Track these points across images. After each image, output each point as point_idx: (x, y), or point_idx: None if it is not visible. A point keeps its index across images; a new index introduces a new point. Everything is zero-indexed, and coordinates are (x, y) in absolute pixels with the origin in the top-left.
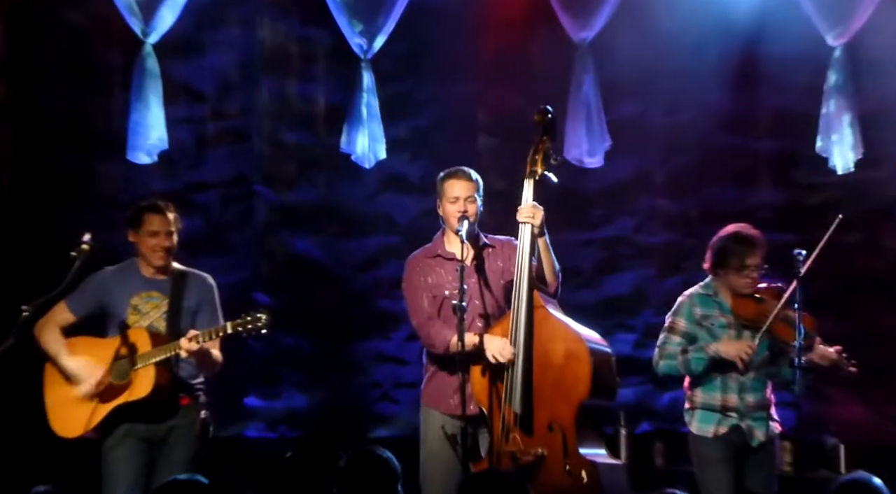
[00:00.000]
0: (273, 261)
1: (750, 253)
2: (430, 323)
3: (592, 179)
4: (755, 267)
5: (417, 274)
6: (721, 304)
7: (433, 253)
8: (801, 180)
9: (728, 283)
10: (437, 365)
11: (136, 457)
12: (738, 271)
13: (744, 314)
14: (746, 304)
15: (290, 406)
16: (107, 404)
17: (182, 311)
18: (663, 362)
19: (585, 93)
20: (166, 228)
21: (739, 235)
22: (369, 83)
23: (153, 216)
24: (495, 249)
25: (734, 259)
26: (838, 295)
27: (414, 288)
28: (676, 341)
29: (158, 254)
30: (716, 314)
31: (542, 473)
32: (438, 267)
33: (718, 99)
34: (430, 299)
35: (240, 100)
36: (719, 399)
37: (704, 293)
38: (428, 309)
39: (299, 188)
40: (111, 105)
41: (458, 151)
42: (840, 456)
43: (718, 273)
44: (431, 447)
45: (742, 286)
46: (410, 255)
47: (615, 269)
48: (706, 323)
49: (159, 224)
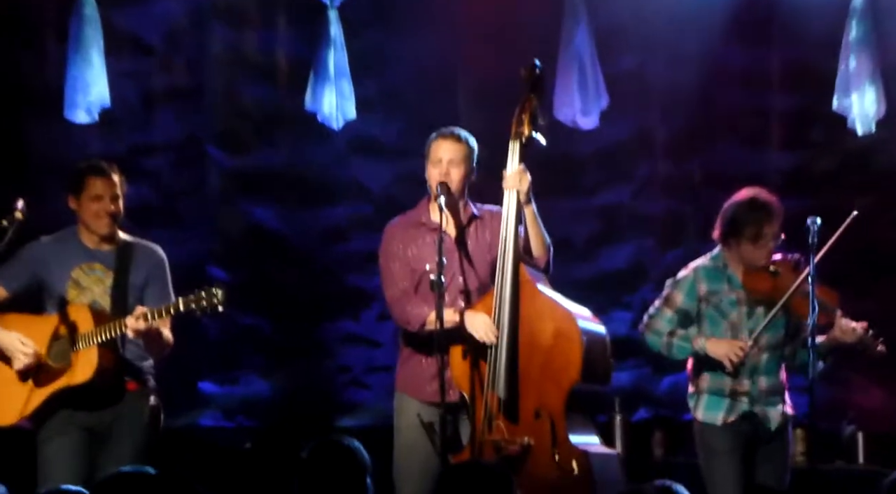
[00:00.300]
0: (229, 233)
1: (766, 221)
2: (406, 298)
3: (586, 141)
4: (771, 237)
5: (396, 243)
6: (731, 278)
7: (416, 220)
8: (816, 141)
9: (740, 255)
10: (413, 347)
11: (74, 450)
12: (753, 241)
13: (757, 288)
14: (760, 278)
15: (249, 392)
16: (43, 389)
17: (128, 286)
18: (648, 335)
19: (577, 46)
20: (111, 192)
21: (756, 201)
22: (337, 34)
23: (96, 179)
24: (484, 220)
25: (749, 228)
26: (856, 269)
27: (390, 258)
28: (668, 316)
29: (103, 221)
30: (724, 289)
31: (529, 464)
32: (420, 237)
33: (726, 51)
34: (407, 272)
35: (191, 53)
36: (729, 383)
37: (712, 266)
38: (404, 283)
39: (258, 151)
40: (45, 57)
41: (436, 111)
42: (858, 446)
43: (730, 243)
44: (407, 436)
45: (756, 258)
46: (390, 222)
47: (611, 241)
48: (713, 300)
49: (103, 187)
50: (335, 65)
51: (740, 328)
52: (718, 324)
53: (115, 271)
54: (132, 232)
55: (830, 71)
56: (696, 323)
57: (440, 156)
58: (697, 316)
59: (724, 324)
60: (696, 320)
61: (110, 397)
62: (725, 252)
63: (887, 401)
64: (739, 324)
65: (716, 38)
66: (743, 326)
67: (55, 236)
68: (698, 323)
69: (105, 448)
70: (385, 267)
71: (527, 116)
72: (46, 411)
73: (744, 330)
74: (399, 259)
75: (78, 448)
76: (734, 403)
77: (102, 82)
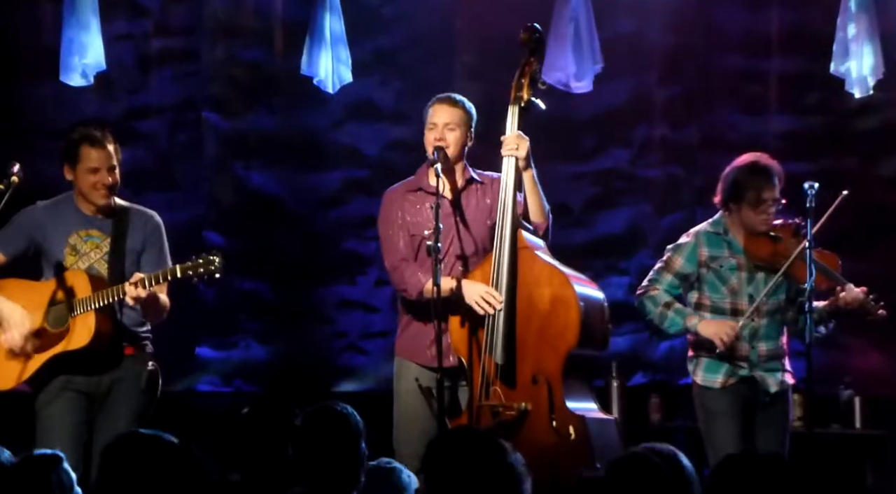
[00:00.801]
0: (226, 197)
1: (768, 185)
2: (404, 265)
3: (582, 105)
4: (773, 202)
5: (395, 210)
6: (731, 243)
7: (415, 186)
8: (814, 105)
9: (741, 220)
10: (413, 314)
11: (73, 414)
12: (754, 206)
13: (758, 253)
14: (761, 243)
15: (247, 357)
16: (42, 354)
17: (125, 252)
18: (644, 300)
19: (574, 9)
20: (108, 163)
21: (756, 165)
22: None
23: (91, 150)
24: (484, 185)
25: (750, 192)
26: (855, 232)
27: (389, 225)
28: (668, 281)
29: (100, 193)
30: (725, 254)
31: (526, 429)
32: (419, 202)
33: (723, 14)
34: (407, 239)
35: (187, 15)
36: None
37: (713, 231)
38: (404, 249)
39: (255, 115)
40: (40, 20)
41: (433, 74)
42: (855, 410)
43: (731, 208)
44: (406, 401)
45: (758, 223)
46: (389, 188)
47: (608, 206)
48: (714, 265)
49: (98, 158)
50: (331, 28)
51: (740, 293)
52: (718, 289)
53: (112, 237)
54: (128, 196)
55: (828, 34)
56: (695, 288)
57: (435, 120)
58: (697, 280)
59: (724, 289)
60: (697, 285)
61: (108, 362)
62: (726, 217)
63: (885, 365)
64: (739, 289)
65: (714, 1)
66: (743, 291)
67: (52, 201)
68: (698, 289)
69: (102, 411)
70: (384, 234)
71: (526, 80)
72: (45, 375)
73: (744, 295)
74: (398, 225)
75: (76, 411)
76: (733, 367)
77: (98, 45)
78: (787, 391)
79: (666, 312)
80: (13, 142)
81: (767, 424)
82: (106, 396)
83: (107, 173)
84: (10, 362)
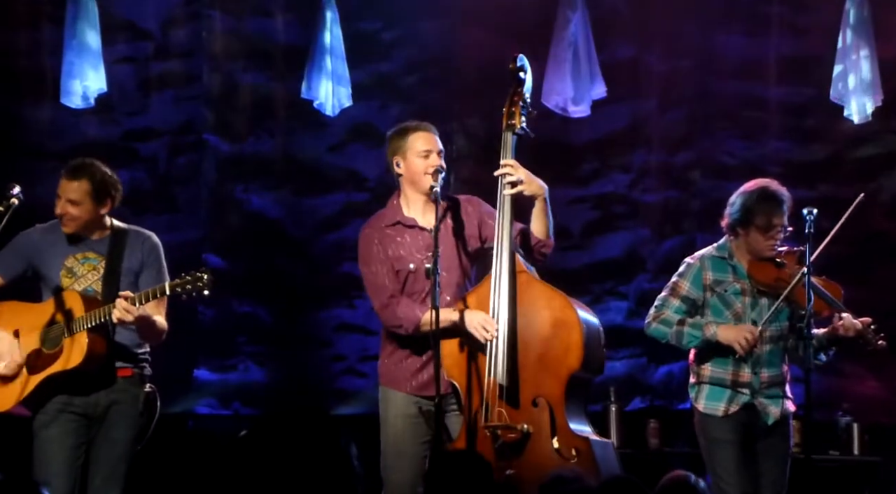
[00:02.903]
0: (226, 220)
1: (777, 212)
2: (395, 302)
3: (582, 130)
4: (781, 229)
5: (375, 247)
6: (736, 268)
7: (391, 220)
8: (813, 131)
9: (748, 245)
10: (397, 342)
11: (70, 438)
12: (763, 232)
13: (762, 279)
14: (765, 268)
15: (245, 379)
16: (37, 375)
17: (121, 273)
18: (655, 325)
19: (572, 34)
20: (65, 195)
21: (767, 191)
22: (333, 20)
23: (62, 179)
24: (459, 209)
25: (760, 218)
26: (853, 259)
27: (371, 263)
28: (676, 305)
29: (61, 220)
30: (729, 279)
31: (529, 450)
32: (399, 236)
33: (723, 40)
34: (392, 274)
35: (187, 38)
36: (730, 373)
37: (718, 255)
38: (391, 286)
39: (255, 138)
40: (41, 41)
41: (432, 98)
42: (853, 437)
43: (738, 233)
44: (394, 426)
45: (764, 249)
46: (363, 227)
47: (607, 230)
48: (718, 289)
49: (60, 188)
50: (331, 52)
51: (744, 318)
52: (722, 314)
53: (107, 258)
54: (127, 218)
55: (828, 61)
56: (699, 312)
57: (427, 147)
58: (703, 305)
59: (728, 314)
60: (702, 310)
61: (102, 381)
62: (731, 242)
63: (883, 392)
64: (743, 314)
65: (714, 27)
66: (746, 316)
67: (49, 224)
68: (702, 313)
69: (100, 433)
70: (368, 273)
71: (517, 109)
72: (41, 396)
73: (747, 320)
74: (381, 261)
75: (73, 435)
76: (735, 394)
77: (99, 67)
78: (787, 418)
79: (681, 329)
80: (13, 164)
81: (769, 452)
82: (103, 418)
83: (65, 203)
84: (6, 384)
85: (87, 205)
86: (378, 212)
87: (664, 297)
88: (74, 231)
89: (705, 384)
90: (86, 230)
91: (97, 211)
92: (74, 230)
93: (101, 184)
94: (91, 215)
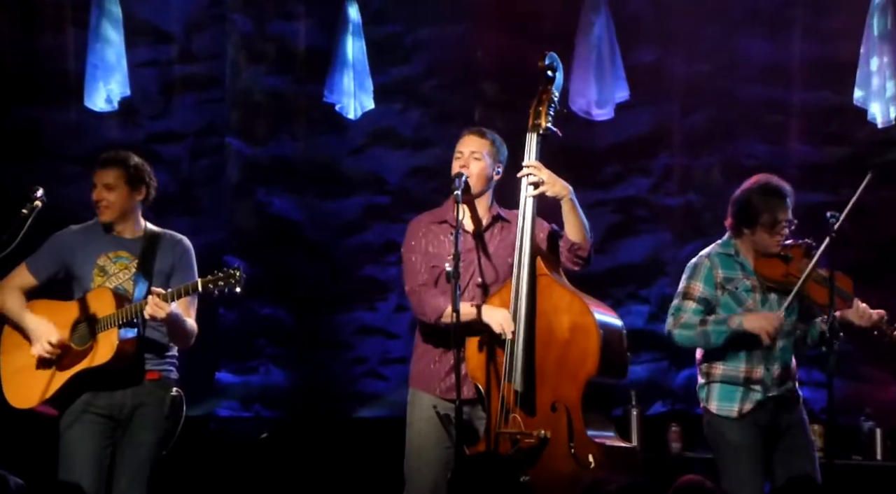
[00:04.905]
0: (247, 223)
1: (782, 206)
2: (424, 289)
3: (604, 133)
4: (787, 224)
5: (418, 239)
6: (744, 265)
7: (440, 218)
8: (836, 135)
9: (755, 242)
10: (428, 343)
11: (95, 440)
12: (769, 229)
13: (770, 274)
14: (772, 264)
15: (267, 382)
16: (65, 371)
17: (153, 273)
18: (678, 331)
19: (596, 37)
20: (101, 181)
21: (769, 186)
22: (356, 23)
23: (97, 168)
24: (510, 224)
25: (765, 214)
26: (872, 262)
27: (412, 251)
28: (693, 308)
29: (97, 208)
30: (739, 276)
31: (546, 456)
32: (443, 234)
33: (746, 44)
34: (427, 267)
35: (210, 42)
36: (743, 370)
37: (724, 252)
38: (424, 276)
39: (276, 141)
40: (65, 45)
41: (454, 102)
42: (876, 442)
43: (743, 231)
44: (418, 429)
45: (771, 245)
46: (416, 217)
47: (628, 234)
48: (729, 287)
49: (97, 176)
50: (354, 55)
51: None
52: (734, 311)
53: (140, 258)
54: (150, 220)
55: (851, 64)
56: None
57: (463, 148)
58: (716, 304)
59: (740, 311)
60: (715, 309)
61: (129, 380)
62: (735, 239)
63: None
64: (755, 310)
65: (736, 31)
66: (758, 312)
67: (83, 225)
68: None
69: (126, 437)
70: (406, 259)
71: (544, 108)
72: (68, 393)
73: None
74: (420, 253)
75: (98, 438)
76: (748, 392)
77: (123, 71)
78: (801, 408)
79: (705, 329)
80: (37, 167)
81: (793, 452)
82: (129, 421)
83: (101, 189)
84: (34, 380)
85: (122, 191)
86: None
87: (678, 303)
88: (111, 219)
89: (715, 383)
90: (120, 222)
91: (133, 197)
92: (111, 218)
93: (136, 170)
94: (126, 201)
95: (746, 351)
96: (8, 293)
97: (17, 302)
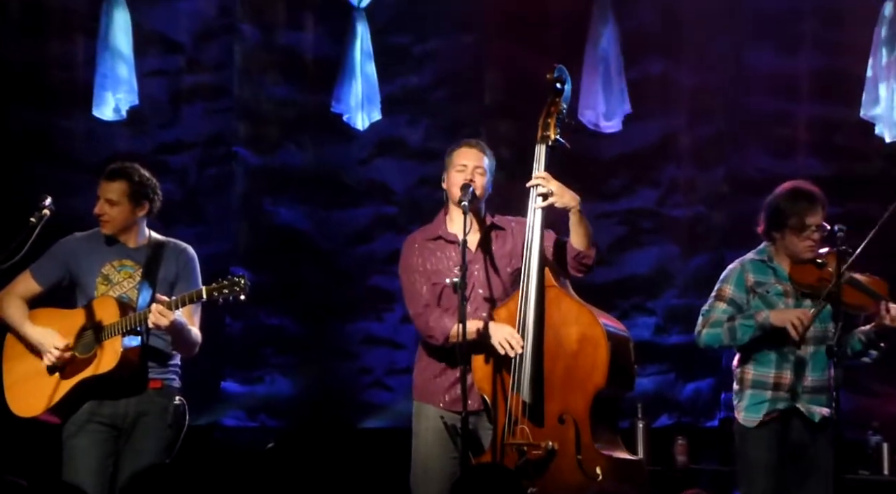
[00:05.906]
0: (254, 232)
1: (810, 211)
2: (429, 311)
3: (611, 145)
4: (817, 228)
5: (415, 257)
6: (777, 270)
7: (433, 234)
8: (843, 148)
9: (786, 247)
10: (431, 356)
11: (98, 448)
12: (797, 232)
13: (804, 280)
14: (806, 270)
15: (272, 392)
16: (70, 379)
17: (157, 282)
18: (706, 330)
19: (604, 49)
20: (104, 194)
21: (798, 191)
22: (363, 34)
23: (102, 179)
24: (505, 231)
25: (793, 218)
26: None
27: (411, 272)
28: (722, 308)
29: (99, 221)
30: (771, 281)
31: (553, 468)
32: (439, 250)
33: (754, 57)
34: (428, 286)
35: (218, 51)
36: (772, 375)
37: (758, 259)
38: (426, 296)
39: (284, 151)
40: (74, 54)
41: (462, 113)
42: (883, 456)
43: (774, 236)
44: (424, 440)
45: (802, 250)
46: (409, 236)
47: (635, 245)
48: (760, 291)
49: (100, 189)
50: (361, 66)
51: None
52: None
53: (144, 267)
54: (157, 230)
55: (859, 78)
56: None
57: (464, 161)
58: (747, 307)
59: None
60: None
61: (132, 389)
62: (770, 246)
63: None
64: None
65: (743, 43)
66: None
67: (88, 233)
68: None
69: (128, 445)
70: (406, 280)
71: (552, 120)
72: (72, 402)
73: None
74: (419, 273)
75: (101, 445)
76: (775, 398)
77: (131, 80)
78: (829, 427)
79: (733, 325)
80: (46, 175)
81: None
82: (132, 430)
83: (103, 203)
84: (38, 388)
85: (124, 206)
86: (426, 225)
87: (710, 304)
88: (112, 232)
89: (747, 390)
90: (123, 233)
91: (134, 212)
92: (112, 231)
93: (139, 186)
94: (128, 216)
95: (777, 355)
96: (10, 301)
97: (19, 312)
